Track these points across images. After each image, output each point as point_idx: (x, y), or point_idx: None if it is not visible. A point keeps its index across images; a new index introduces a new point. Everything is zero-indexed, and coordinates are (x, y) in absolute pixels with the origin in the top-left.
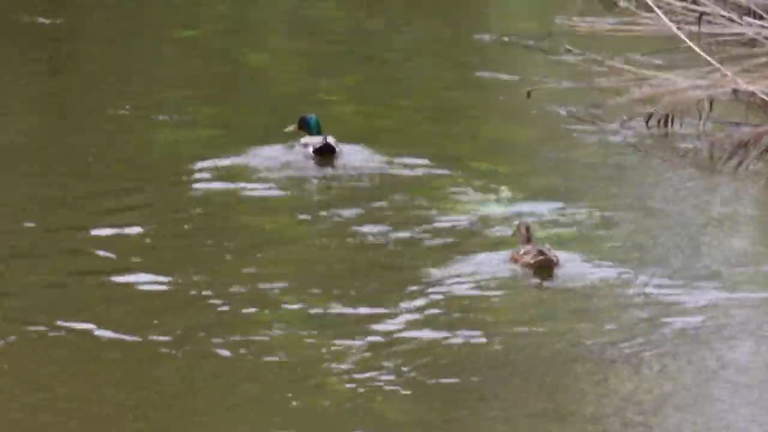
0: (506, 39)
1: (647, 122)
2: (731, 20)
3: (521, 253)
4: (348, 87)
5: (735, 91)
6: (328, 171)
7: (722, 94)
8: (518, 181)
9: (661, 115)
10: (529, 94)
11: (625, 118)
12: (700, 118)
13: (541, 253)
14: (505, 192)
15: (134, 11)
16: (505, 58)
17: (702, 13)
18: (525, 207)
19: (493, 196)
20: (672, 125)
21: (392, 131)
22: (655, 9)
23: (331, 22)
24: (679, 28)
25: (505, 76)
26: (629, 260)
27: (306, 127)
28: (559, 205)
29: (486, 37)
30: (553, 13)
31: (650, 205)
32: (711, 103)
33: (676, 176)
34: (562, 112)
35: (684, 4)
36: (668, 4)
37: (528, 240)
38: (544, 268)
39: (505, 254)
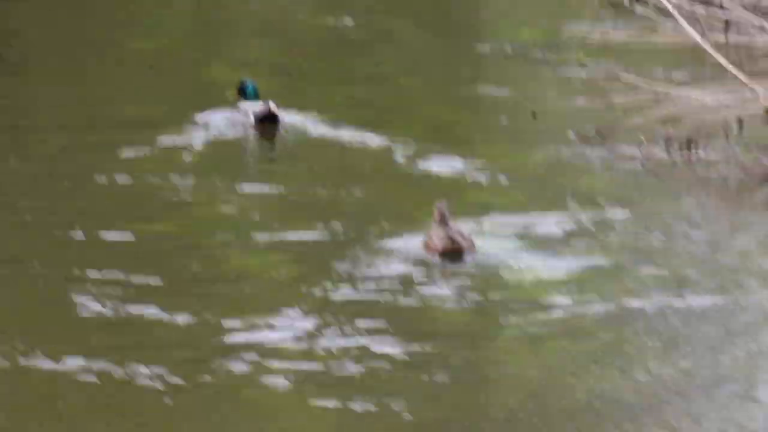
0: (509, 50)
1: (667, 146)
2: (763, 29)
3: (432, 238)
4: (329, 106)
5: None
6: (268, 138)
7: (753, 114)
8: (516, 212)
9: (683, 137)
10: (534, 114)
11: (642, 140)
12: (728, 141)
13: (449, 238)
14: (486, 227)
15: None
16: (507, 72)
17: (729, 21)
18: (520, 243)
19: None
20: (696, 149)
21: (375, 152)
22: (676, 15)
23: (310, 32)
24: (703, 38)
25: (507, 93)
26: (629, 302)
27: (243, 93)
28: (563, 240)
29: (486, 47)
30: (561, 21)
31: (667, 242)
32: (740, 124)
33: (700, 208)
34: (572, 134)
35: (709, 9)
36: (691, 11)
37: (444, 223)
38: (452, 254)
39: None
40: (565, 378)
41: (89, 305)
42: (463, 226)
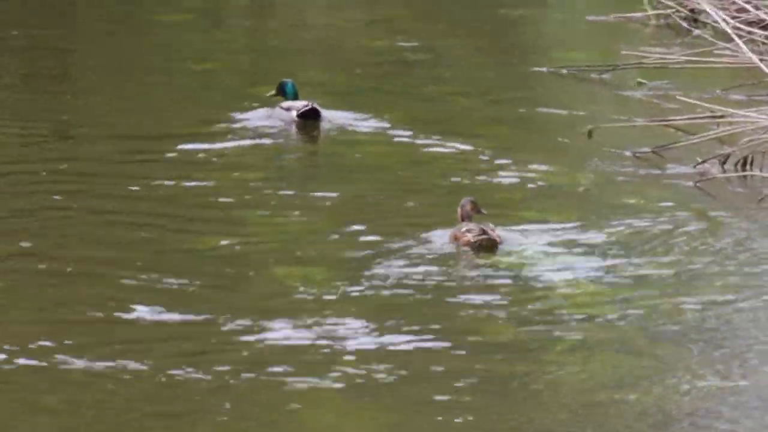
0: (565, 71)
1: (723, 164)
2: None
3: (463, 230)
4: (385, 126)
5: None
6: (312, 136)
7: None
8: (570, 231)
9: (739, 156)
10: (590, 133)
11: (699, 160)
12: None
13: (483, 232)
14: (538, 239)
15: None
16: (564, 92)
17: None
18: (572, 262)
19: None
20: (752, 168)
21: (424, 160)
22: (735, 38)
23: (366, 54)
24: (761, 60)
25: (563, 113)
26: (682, 315)
27: (282, 92)
28: (615, 253)
29: (542, 68)
30: (618, 43)
31: (720, 255)
32: None
33: (756, 227)
34: (628, 153)
35: (767, 33)
36: (749, 32)
37: (470, 218)
38: (485, 247)
39: (444, 233)
40: (615, 392)
41: (127, 307)
42: (488, 223)
